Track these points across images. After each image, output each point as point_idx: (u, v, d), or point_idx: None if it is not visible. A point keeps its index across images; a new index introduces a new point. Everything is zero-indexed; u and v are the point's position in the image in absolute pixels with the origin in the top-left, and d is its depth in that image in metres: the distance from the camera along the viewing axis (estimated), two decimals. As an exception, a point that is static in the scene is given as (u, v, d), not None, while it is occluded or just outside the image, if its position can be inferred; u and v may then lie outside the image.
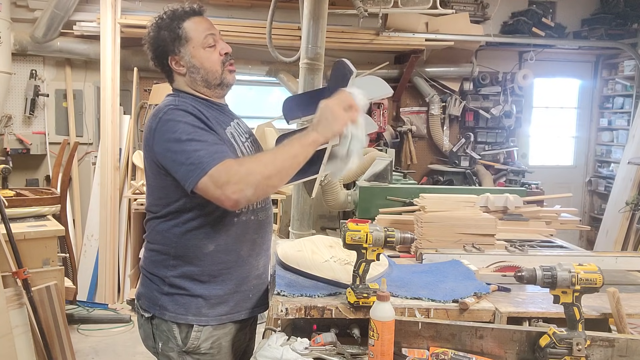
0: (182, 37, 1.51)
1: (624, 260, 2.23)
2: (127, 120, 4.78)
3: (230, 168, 1.32)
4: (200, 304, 1.52)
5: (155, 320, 1.56)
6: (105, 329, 3.95)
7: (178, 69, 1.55)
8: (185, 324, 1.52)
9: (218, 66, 1.57)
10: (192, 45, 1.52)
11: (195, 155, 1.34)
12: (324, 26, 3.13)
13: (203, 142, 1.37)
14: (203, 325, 1.52)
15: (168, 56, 1.53)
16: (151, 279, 1.58)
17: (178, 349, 1.53)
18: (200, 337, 1.52)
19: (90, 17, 4.67)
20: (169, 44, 1.52)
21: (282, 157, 1.37)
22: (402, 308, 1.56)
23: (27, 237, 2.72)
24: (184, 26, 1.52)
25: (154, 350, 1.60)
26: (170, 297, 1.53)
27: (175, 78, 1.58)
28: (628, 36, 5.63)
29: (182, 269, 1.52)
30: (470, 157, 5.41)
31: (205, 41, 1.54)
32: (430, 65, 5.51)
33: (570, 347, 1.35)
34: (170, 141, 1.39)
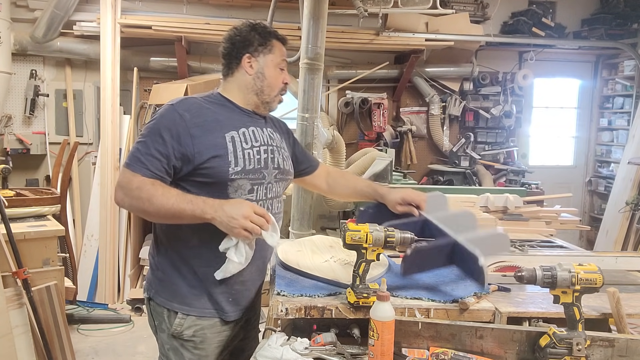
0: (267, 48, 1.67)
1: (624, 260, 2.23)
2: (127, 120, 4.78)
3: (131, 182, 1.49)
4: (184, 293, 1.61)
5: (152, 302, 1.68)
6: (105, 329, 3.95)
7: (247, 68, 1.66)
8: (172, 310, 1.62)
9: (277, 88, 1.71)
10: (271, 59, 1.68)
11: (134, 150, 1.53)
12: (324, 26, 3.13)
13: (145, 147, 1.52)
14: (185, 313, 1.60)
15: (247, 53, 1.66)
16: (150, 262, 1.72)
17: (167, 332, 1.63)
18: (183, 325, 1.60)
19: (90, 17, 4.67)
20: (254, 45, 1.66)
21: (170, 210, 1.46)
22: (402, 308, 1.56)
23: (27, 237, 2.72)
24: (273, 42, 1.69)
25: (154, 329, 1.72)
26: (161, 283, 1.64)
27: (235, 74, 1.69)
28: (628, 36, 5.63)
29: (168, 255, 1.64)
30: (470, 157, 5.41)
31: (280, 62, 1.71)
32: (430, 65, 5.50)
33: (570, 347, 1.35)
34: (145, 128, 1.57)
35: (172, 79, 4.89)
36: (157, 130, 1.53)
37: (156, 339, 1.72)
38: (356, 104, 5.28)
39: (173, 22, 4.61)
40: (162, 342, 1.66)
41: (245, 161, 1.60)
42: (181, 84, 4.56)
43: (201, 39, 4.85)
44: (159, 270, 1.65)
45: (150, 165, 1.51)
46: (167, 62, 4.91)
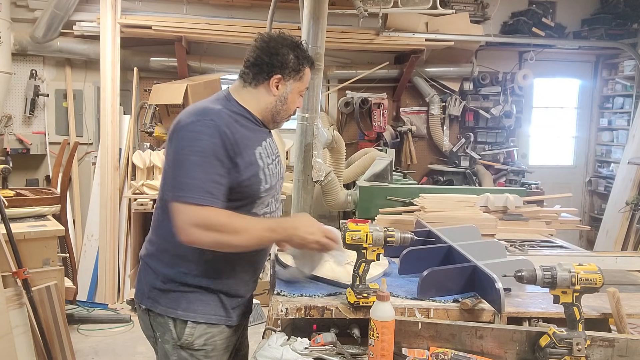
0: (299, 75, 1.61)
1: (624, 260, 2.23)
2: (127, 120, 4.78)
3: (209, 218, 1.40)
4: (191, 300, 1.53)
5: (152, 312, 1.58)
6: (105, 329, 3.95)
7: (273, 88, 1.59)
8: (180, 319, 1.53)
9: (291, 113, 1.69)
10: (297, 86, 1.63)
11: (191, 177, 1.40)
12: (324, 26, 3.13)
13: (205, 173, 1.41)
14: (195, 321, 1.53)
15: (278, 73, 1.57)
16: (146, 271, 1.61)
17: (173, 342, 1.54)
18: (194, 334, 1.53)
19: (90, 17, 4.67)
20: (288, 68, 1.58)
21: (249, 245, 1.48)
22: (402, 308, 1.56)
23: (27, 237, 2.72)
24: (305, 70, 1.62)
25: (153, 340, 1.63)
26: (165, 293, 1.55)
27: (259, 87, 1.59)
28: (628, 36, 5.63)
29: (178, 268, 1.54)
30: (470, 157, 5.40)
31: (303, 90, 1.67)
32: (430, 65, 5.50)
33: (570, 347, 1.35)
34: (186, 148, 1.43)
35: (172, 79, 4.89)
36: (210, 152, 1.42)
37: (155, 350, 1.65)
38: (356, 104, 5.28)
39: (173, 22, 4.60)
40: (166, 353, 1.57)
41: (270, 178, 1.58)
42: (181, 84, 4.56)
43: (201, 39, 4.85)
44: (160, 281, 1.55)
45: (218, 193, 1.42)
46: (167, 62, 4.91)
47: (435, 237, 2.01)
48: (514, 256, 2.08)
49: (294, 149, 3.34)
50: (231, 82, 5.68)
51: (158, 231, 1.59)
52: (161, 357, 1.60)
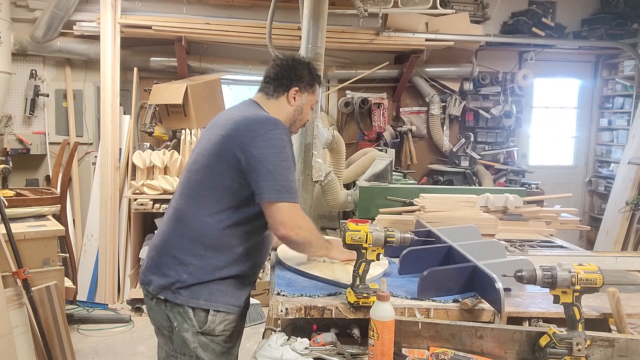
0: (312, 89, 1.88)
1: (624, 260, 2.23)
2: (127, 120, 4.78)
3: (306, 219, 1.68)
4: (212, 291, 1.64)
5: (169, 302, 1.65)
6: (105, 329, 3.95)
7: (291, 98, 1.83)
8: (199, 308, 1.63)
9: (304, 122, 1.93)
10: (310, 99, 1.88)
11: (288, 181, 1.61)
12: (324, 26, 3.13)
13: (292, 176, 1.66)
14: (216, 310, 1.64)
15: (296, 86, 1.83)
16: (171, 263, 1.67)
17: (193, 330, 1.64)
18: (215, 321, 1.65)
19: (90, 17, 4.67)
20: (304, 82, 1.84)
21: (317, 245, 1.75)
22: (402, 308, 1.56)
23: (27, 237, 2.72)
24: (317, 86, 1.91)
25: (168, 330, 1.69)
26: (187, 284, 1.63)
27: (280, 98, 1.83)
28: (628, 36, 5.63)
29: (208, 260, 1.65)
30: (470, 157, 5.40)
31: (314, 104, 1.94)
32: (430, 65, 5.50)
33: (570, 347, 1.35)
34: (276, 154, 1.62)
35: (172, 79, 4.89)
36: (292, 158, 1.68)
37: (167, 339, 1.69)
38: (356, 104, 5.28)
39: (173, 22, 4.60)
40: (185, 341, 1.64)
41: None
42: (181, 84, 4.56)
43: (201, 39, 4.85)
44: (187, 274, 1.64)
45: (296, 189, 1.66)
46: (167, 62, 4.91)
47: (435, 237, 2.01)
48: (514, 256, 2.08)
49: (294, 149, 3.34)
50: (231, 82, 5.65)
51: (193, 225, 1.66)
52: (179, 345, 1.67)
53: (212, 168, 1.66)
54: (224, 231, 1.65)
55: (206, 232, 1.64)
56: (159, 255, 1.71)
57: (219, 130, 1.69)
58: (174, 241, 1.69)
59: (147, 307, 1.75)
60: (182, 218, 1.69)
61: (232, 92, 5.46)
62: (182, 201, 1.71)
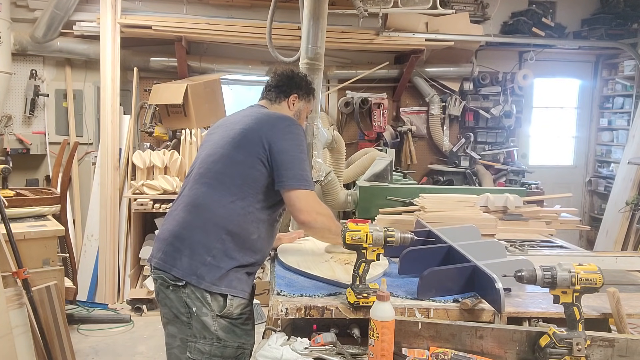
0: (308, 98, 2.09)
1: (624, 260, 2.23)
2: (127, 120, 4.78)
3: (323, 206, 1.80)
4: (231, 277, 1.73)
5: (188, 288, 1.71)
6: (105, 329, 3.95)
7: (291, 104, 2.04)
8: (218, 294, 1.71)
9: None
10: (306, 107, 2.10)
11: (306, 171, 1.77)
12: (324, 26, 3.12)
13: (308, 167, 1.81)
14: (234, 295, 1.73)
15: (296, 93, 2.03)
16: (195, 248, 1.73)
17: (212, 314, 1.71)
18: (233, 305, 1.73)
19: (90, 17, 4.67)
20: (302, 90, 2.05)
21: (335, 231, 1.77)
22: (402, 308, 1.56)
23: (27, 237, 2.72)
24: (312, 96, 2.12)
25: (187, 316, 1.73)
26: (209, 268, 1.71)
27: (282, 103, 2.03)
28: (628, 36, 5.63)
29: (228, 244, 1.73)
30: (470, 157, 5.40)
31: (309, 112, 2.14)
32: (430, 65, 5.50)
33: (570, 347, 1.35)
34: (295, 147, 1.78)
35: (172, 79, 4.89)
36: (306, 151, 1.82)
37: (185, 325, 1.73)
38: (356, 104, 5.28)
39: (173, 22, 4.60)
40: (205, 324, 1.70)
41: None
42: (181, 84, 4.56)
43: (201, 39, 4.85)
44: (211, 256, 1.71)
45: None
46: (167, 62, 4.91)
47: (435, 237, 2.01)
48: (514, 256, 2.08)
49: (294, 149, 3.33)
50: (231, 82, 5.63)
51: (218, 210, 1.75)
52: (199, 329, 1.72)
53: (233, 158, 1.78)
54: (245, 217, 1.75)
55: (230, 216, 1.74)
56: (181, 240, 1.75)
57: (237, 125, 1.84)
58: (197, 225, 1.75)
59: (162, 296, 1.78)
60: (203, 204, 1.77)
61: (232, 92, 5.46)
62: (202, 189, 1.80)
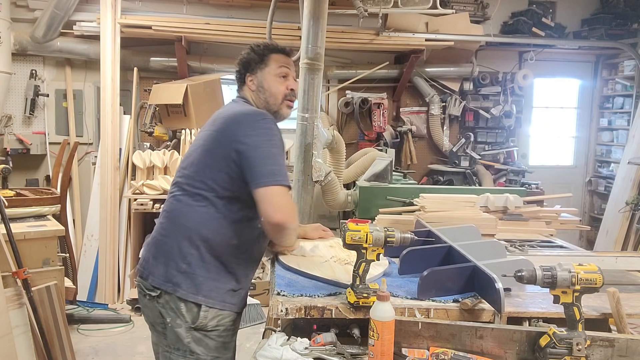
0: (264, 63, 1.84)
1: (624, 260, 2.23)
2: (127, 120, 4.78)
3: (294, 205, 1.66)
4: (209, 287, 1.66)
5: (163, 297, 1.66)
6: (105, 329, 3.95)
7: (250, 85, 1.85)
8: (192, 303, 1.64)
9: (280, 95, 1.83)
10: (267, 71, 1.83)
11: (280, 165, 1.61)
12: (324, 26, 3.12)
13: (282, 162, 1.64)
14: (209, 306, 1.65)
15: (247, 73, 1.85)
16: (170, 255, 1.68)
17: (186, 325, 1.65)
18: (207, 317, 1.66)
19: (90, 17, 4.67)
20: (252, 64, 1.84)
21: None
22: (402, 308, 1.56)
23: (27, 237, 2.72)
24: (269, 56, 1.85)
25: (161, 326, 1.70)
26: (186, 275, 1.65)
27: (245, 90, 1.87)
28: (628, 36, 5.63)
29: (204, 250, 1.66)
30: (470, 157, 5.40)
31: (278, 70, 1.83)
32: (430, 65, 5.50)
33: (570, 347, 1.35)
34: (267, 141, 1.63)
35: (172, 79, 4.89)
36: (279, 144, 1.65)
37: (161, 335, 1.70)
38: (356, 104, 5.27)
39: (173, 22, 4.61)
40: (178, 336, 1.65)
41: None
42: (181, 84, 4.56)
43: (201, 39, 4.85)
44: (186, 263, 1.65)
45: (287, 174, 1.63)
46: (167, 62, 4.91)
47: (435, 237, 2.01)
48: (514, 256, 2.08)
49: (294, 149, 3.33)
50: (231, 82, 5.65)
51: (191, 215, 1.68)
52: (172, 340, 1.67)
53: (203, 162, 1.69)
54: (220, 222, 1.66)
55: (203, 222, 1.66)
56: (158, 247, 1.72)
57: (210, 127, 1.74)
58: (171, 232, 1.70)
59: (141, 304, 1.76)
60: (177, 210, 1.72)
61: (232, 92, 5.46)
62: (178, 195, 1.74)
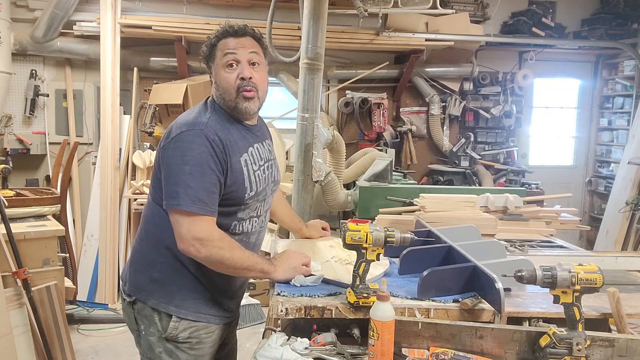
0: (212, 54, 1.60)
1: (624, 260, 2.23)
2: (127, 120, 4.78)
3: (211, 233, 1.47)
4: (183, 297, 1.59)
5: (138, 304, 1.62)
6: (105, 329, 3.95)
7: (214, 80, 1.62)
8: (165, 313, 1.59)
9: (232, 89, 1.57)
10: (216, 63, 1.59)
11: (185, 186, 1.45)
12: (324, 26, 3.12)
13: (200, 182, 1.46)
14: (182, 317, 1.59)
15: (209, 69, 1.63)
16: (141, 262, 1.64)
17: (158, 334, 1.60)
18: (178, 327, 1.59)
19: (90, 17, 4.67)
20: (206, 58, 1.62)
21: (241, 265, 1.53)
22: (402, 308, 1.56)
23: (27, 237, 2.72)
24: (216, 45, 1.59)
25: (137, 333, 1.66)
26: (157, 284, 1.60)
27: (213, 84, 1.64)
28: (628, 36, 5.63)
29: (172, 259, 1.58)
30: (470, 157, 5.40)
31: (224, 60, 1.57)
32: (430, 65, 5.50)
33: (570, 347, 1.35)
34: (178, 157, 1.47)
35: (172, 79, 4.89)
36: (202, 161, 1.46)
37: (138, 342, 1.67)
38: (356, 104, 5.27)
39: (173, 22, 4.61)
40: (150, 345, 1.61)
41: (256, 185, 1.62)
42: (181, 84, 4.56)
43: (201, 39, 4.84)
44: (157, 272, 1.60)
45: (212, 203, 1.48)
46: (167, 62, 4.91)
47: (435, 237, 2.01)
48: (514, 256, 2.08)
49: (294, 149, 3.34)
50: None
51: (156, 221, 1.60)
52: (145, 349, 1.64)
53: (155, 172, 1.59)
54: None
55: (166, 230, 1.54)
56: (133, 254, 1.70)
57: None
58: (144, 239, 1.66)
59: (122, 308, 1.72)
60: (147, 215, 1.67)
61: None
62: (148, 201, 1.67)
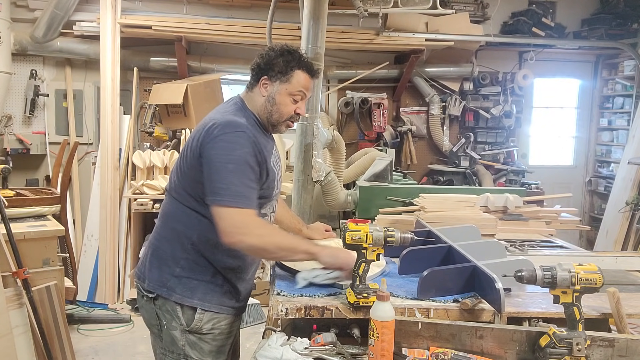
0: (286, 77, 1.71)
1: (624, 260, 2.23)
2: (127, 120, 4.78)
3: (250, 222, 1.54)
4: (204, 290, 1.66)
5: (159, 300, 1.67)
6: (105, 329, 3.95)
7: (262, 89, 1.72)
8: (188, 306, 1.65)
9: (285, 116, 1.74)
10: (285, 87, 1.71)
11: (230, 183, 1.53)
12: (324, 26, 3.12)
13: (242, 179, 1.55)
14: (206, 310, 1.65)
15: (265, 75, 1.71)
16: (164, 259, 1.69)
17: (182, 328, 1.65)
18: (202, 319, 1.65)
19: (90, 17, 4.67)
20: (275, 70, 1.70)
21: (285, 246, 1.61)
22: (402, 308, 1.56)
23: (27, 237, 2.71)
24: (295, 72, 1.71)
25: (157, 328, 1.70)
26: (179, 280, 1.65)
27: (254, 90, 1.75)
28: (628, 36, 5.63)
29: (196, 255, 1.65)
30: (470, 157, 5.40)
31: (295, 93, 1.73)
32: (430, 65, 5.50)
33: (570, 347, 1.35)
34: (222, 156, 1.55)
35: (172, 79, 4.89)
36: (243, 160, 1.56)
37: (157, 337, 1.71)
38: (356, 104, 5.27)
39: (173, 22, 4.60)
40: (173, 339, 1.66)
41: (279, 182, 1.77)
42: (181, 84, 4.56)
43: (201, 39, 4.85)
44: (179, 267, 1.65)
45: (253, 198, 1.58)
46: (167, 62, 4.91)
47: (435, 237, 2.01)
48: (514, 256, 2.09)
49: (294, 149, 3.34)
50: (231, 82, 5.63)
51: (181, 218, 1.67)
52: (167, 343, 1.68)
53: (182, 168, 1.67)
54: (206, 226, 1.61)
55: (191, 226, 1.65)
56: (153, 251, 1.73)
57: (195, 134, 1.67)
58: (164, 236, 1.71)
59: (139, 305, 1.76)
60: (168, 214, 1.72)
61: (232, 92, 5.46)
62: (168, 199, 1.74)
